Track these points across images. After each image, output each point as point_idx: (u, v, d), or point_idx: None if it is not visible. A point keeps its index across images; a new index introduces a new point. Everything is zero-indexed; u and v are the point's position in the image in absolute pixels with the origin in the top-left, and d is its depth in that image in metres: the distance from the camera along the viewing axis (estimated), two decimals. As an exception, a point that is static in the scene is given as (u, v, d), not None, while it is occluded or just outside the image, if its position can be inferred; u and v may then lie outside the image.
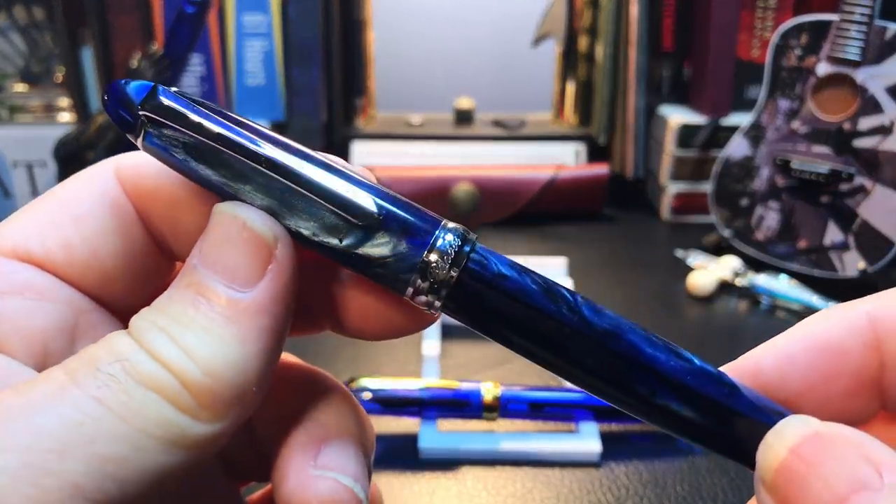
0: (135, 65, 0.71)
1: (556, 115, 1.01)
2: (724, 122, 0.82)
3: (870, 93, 0.65)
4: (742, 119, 0.75)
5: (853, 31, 0.65)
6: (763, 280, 0.65)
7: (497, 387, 0.44)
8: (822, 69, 0.67)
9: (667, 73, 0.89)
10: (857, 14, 0.64)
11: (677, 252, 0.74)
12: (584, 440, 0.44)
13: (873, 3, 0.64)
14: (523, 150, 0.89)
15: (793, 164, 0.69)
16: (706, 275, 0.66)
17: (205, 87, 0.85)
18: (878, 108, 0.65)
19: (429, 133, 0.92)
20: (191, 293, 0.15)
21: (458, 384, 0.44)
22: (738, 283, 0.67)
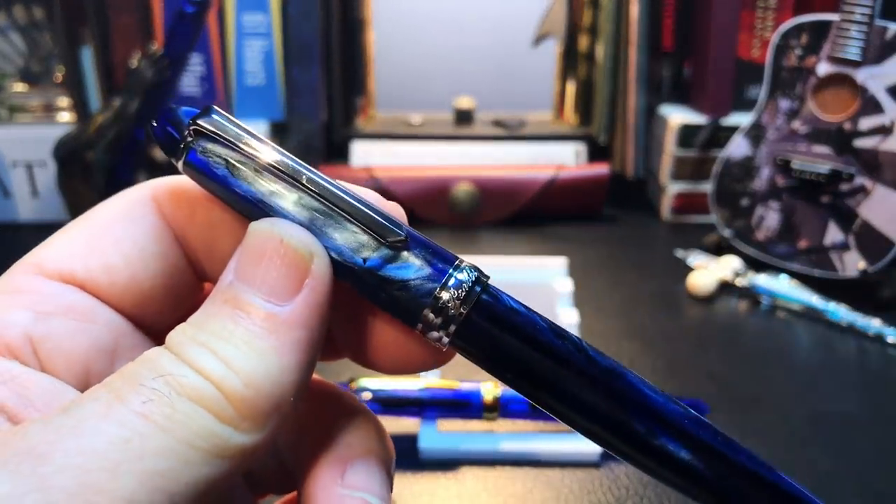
0: (134, 64, 0.71)
1: (557, 115, 1.01)
2: (724, 122, 0.82)
3: (870, 93, 0.65)
4: (742, 119, 0.75)
5: (853, 31, 0.65)
6: (763, 280, 0.65)
7: (497, 387, 0.44)
8: (823, 69, 0.67)
9: (667, 72, 0.89)
10: (858, 14, 0.64)
11: (677, 252, 0.74)
12: (584, 440, 0.44)
13: (873, 3, 0.64)
14: (523, 150, 0.89)
15: (793, 164, 0.69)
16: (706, 275, 0.66)
17: (205, 86, 0.85)
18: (878, 108, 0.65)
19: (429, 133, 0.92)
20: (229, 308, 0.15)
21: (458, 384, 0.44)
22: (738, 283, 0.67)
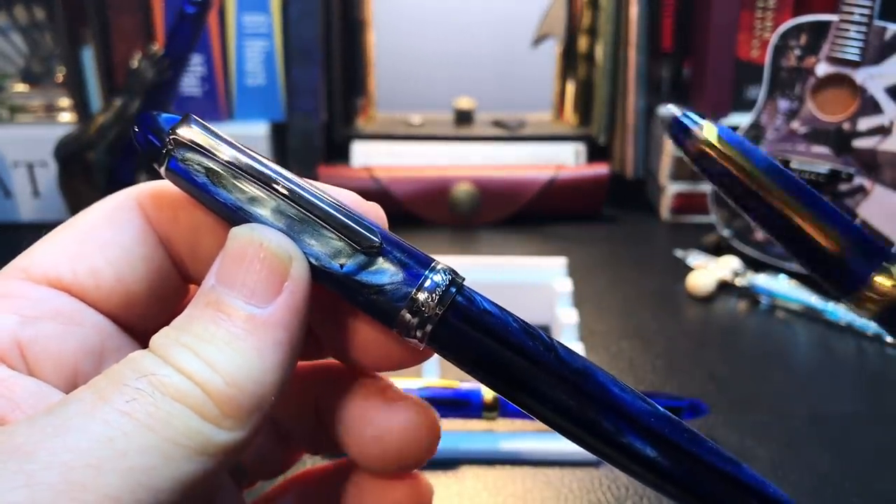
0: (135, 65, 0.71)
1: (556, 115, 1.01)
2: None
3: (869, 93, 0.65)
4: (742, 119, 0.75)
5: (853, 32, 0.65)
6: (762, 280, 0.65)
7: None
8: (822, 69, 0.67)
9: (666, 73, 0.89)
10: (857, 14, 0.65)
11: (677, 252, 0.74)
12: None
13: (873, 4, 0.64)
14: (523, 150, 0.89)
15: (792, 165, 0.69)
16: (706, 275, 0.66)
17: (205, 87, 0.85)
18: (877, 109, 0.65)
19: (429, 133, 0.92)
20: (211, 311, 0.16)
21: (457, 384, 0.45)
22: (737, 283, 0.67)
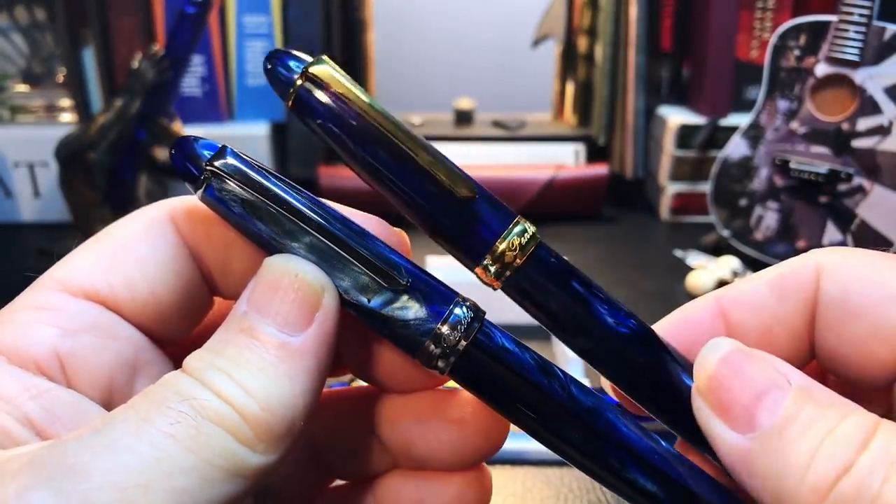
0: (136, 65, 0.71)
1: (556, 115, 1.01)
2: (723, 122, 0.82)
3: (868, 93, 0.65)
4: (741, 119, 0.75)
5: (852, 32, 0.65)
6: (762, 280, 0.66)
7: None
8: (821, 70, 0.68)
9: (666, 73, 0.89)
10: (856, 14, 0.65)
11: (676, 252, 0.74)
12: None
13: (872, 4, 0.64)
14: (523, 150, 0.89)
15: (792, 165, 0.69)
16: (705, 275, 0.66)
17: (205, 87, 0.85)
18: (876, 109, 0.65)
19: (429, 133, 0.92)
20: (245, 336, 0.16)
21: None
22: (737, 282, 0.67)
